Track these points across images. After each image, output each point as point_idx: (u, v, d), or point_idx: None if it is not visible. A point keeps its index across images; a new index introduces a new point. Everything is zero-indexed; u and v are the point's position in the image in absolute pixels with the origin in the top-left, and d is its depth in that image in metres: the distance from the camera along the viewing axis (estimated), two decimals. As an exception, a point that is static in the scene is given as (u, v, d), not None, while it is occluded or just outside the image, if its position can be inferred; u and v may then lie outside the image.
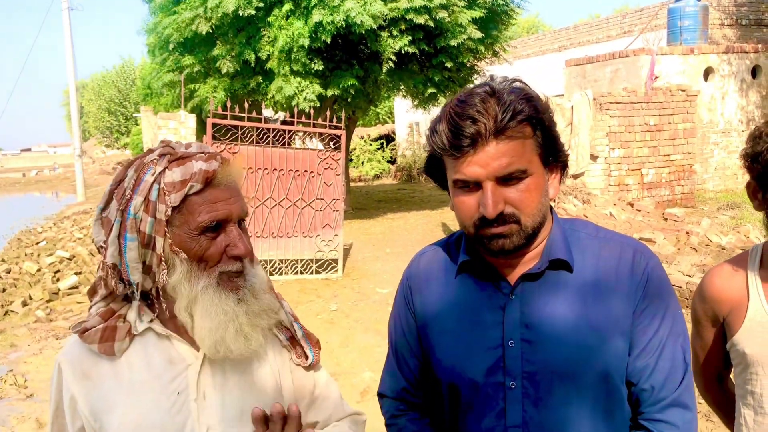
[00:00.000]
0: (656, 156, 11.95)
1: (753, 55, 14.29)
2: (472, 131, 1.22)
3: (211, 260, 1.28)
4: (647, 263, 1.35)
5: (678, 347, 1.34)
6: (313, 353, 1.49)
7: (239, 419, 1.34)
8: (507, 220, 1.27)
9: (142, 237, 1.26)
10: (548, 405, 1.31)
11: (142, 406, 1.28)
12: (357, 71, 12.83)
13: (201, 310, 1.27)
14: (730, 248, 8.16)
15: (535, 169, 1.28)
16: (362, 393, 5.09)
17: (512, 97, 1.24)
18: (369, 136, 26.85)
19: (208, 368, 1.33)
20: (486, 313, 1.36)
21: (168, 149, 1.30)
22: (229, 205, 1.29)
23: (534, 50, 22.87)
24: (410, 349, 1.53)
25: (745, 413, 1.69)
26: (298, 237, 8.95)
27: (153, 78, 15.73)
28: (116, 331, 1.30)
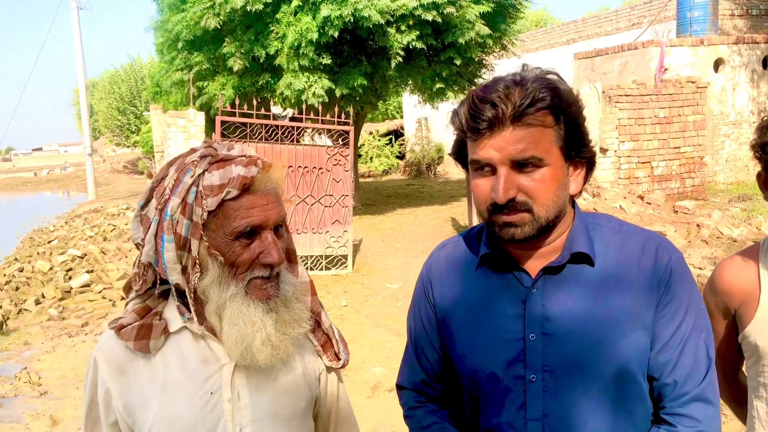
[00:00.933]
0: (666, 148, 11.87)
1: (764, 45, 14.15)
2: (490, 115, 1.23)
3: (242, 266, 1.27)
4: (670, 257, 1.35)
5: (701, 342, 1.34)
6: (345, 354, 1.51)
7: (272, 420, 1.36)
8: (519, 208, 1.27)
9: (178, 239, 1.25)
10: (568, 398, 1.31)
11: (176, 404, 1.29)
12: (365, 67, 12.83)
13: (228, 318, 1.27)
14: (741, 240, 8.11)
15: (554, 161, 1.27)
16: (373, 388, 5.10)
17: (536, 84, 1.24)
18: (377, 132, 26.85)
19: (243, 369, 1.33)
20: (507, 305, 1.36)
21: (210, 150, 1.29)
22: (265, 211, 1.27)
23: (542, 44, 22.76)
24: (429, 341, 1.54)
25: (758, 406, 1.68)
26: (308, 233, 8.96)
27: (162, 76, 15.79)
28: (152, 330, 1.31)
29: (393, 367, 5.39)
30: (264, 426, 1.35)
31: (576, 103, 1.28)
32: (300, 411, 1.42)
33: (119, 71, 45.31)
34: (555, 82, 1.27)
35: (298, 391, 1.41)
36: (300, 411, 1.42)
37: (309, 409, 1.46)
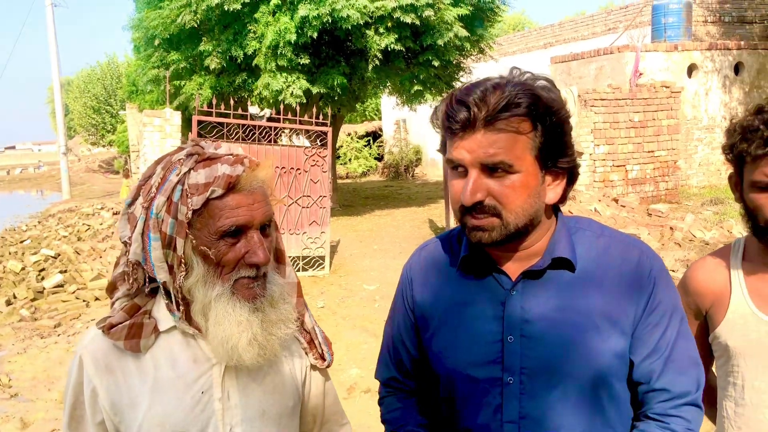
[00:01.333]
0: (641, 152, 12.03)
1: (736, 52, 14.41)
2: (462, 117, 1.23)
3: (228, 266, 1.26)
4: (653, 264, 1.35)
5: (689, 347, 1.36)
6: (329, 354, 1.51)
7: (261, 419, 1.36)
8: (487, 212, 1.27)
9: (164, 237, 1.24)
10: (545, 401, 1.31)
11: (166, 403, 1.28)
12: (344, 68, 12.83)
13: (214, 317, 1.26)
14: (713, 243, 8.24)
15: (526, 168, 1.25)
16: (349, 390, 5.10)
17: (514, 90, 1.22)
18: (356, 133, 26.84)
19: (232, 369, 1.33)
20: (486, 307, 1.36)
21: (197, 148, 1.28)
22: (251, 210, 1.26)
23: (520, 47, 22.92)
24: (402, 342, 1.55)
25: (727, 405, 1.71)
26: (285, 234, 8.93)
27: (138, 75, 15.64)
28: (143, 328, 1.30)
29: (369, 368, 5.40)
30: (254, 425, 1.35)
31: (559, 112, 1.26)
32: (288, 410, 1.42)
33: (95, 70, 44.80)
34: (536, 89, 1.25)
35: (286, 390, 1.42)
36: (288, 410, 1.42)
37: (297, 408, 1.46)
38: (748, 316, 1.65)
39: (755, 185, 1.58)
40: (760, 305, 1.64)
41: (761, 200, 1.57)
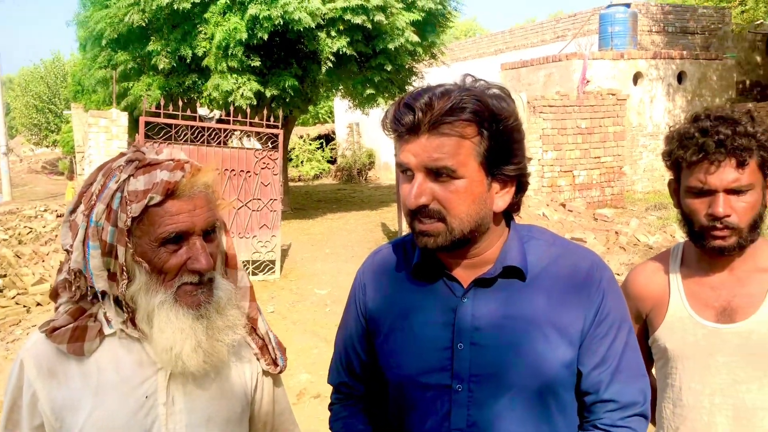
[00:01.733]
0: (587, 158, 12.30)
1: (679, 61, 14.88)
2: (407, 121, 1.24)
3: (170, 273, 1.25)
4: (602, 276, 1.36)
5: (636, 358, 1.38)
6: (282, 360, 1.51)
7: (206, 425, 1.34)
8: (432, 216, 1.27)
9: (104, 245, 1.23)
10: (493, 409, 1.31)
11: (109, 408, 1.26)
12: (296, 70, 12.75)
13: (157, 325, 1.25)
14: (657, 247, 8.47)
15: (470, 174, 1.26)
16: (298, 395, 5.05)
17: (462, 95, 1.23)
18: (308, 136, 26.70)
19: (179, 373, 1.31)
20: (437, 314, 1.36)
21: (137, 154, 1.27)
22: (192, 216, 1.25)
23: (471, 53, 23.20)
24: (354, 346, 1.54)
25: (665, 406, 1.76)
26: (234, 238, 8.81)
27: (84, 74, 15.24)
28: (87, 331, 1.28)
29: (320, 373, 5.36)
30: (198, 431, 1.33)
31: (507, 120, 1.26)
32: (235, 416, 1.41)
33: (39, 68, 43.52)
34: (483, 95, 1.25)
35: (234, 395, 1.40)
36: (235, 416, 1.41)
37: (245, 414, 1.45)
38: (686, 319, 1.69)
39: (690, 191, 1.63)
40: (697, 309, 1.68)
41: (695, 205, 1.62)
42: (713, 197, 1.58)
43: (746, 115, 1.60)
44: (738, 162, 1.55)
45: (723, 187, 1.57)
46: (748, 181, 1.56)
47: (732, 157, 1.55)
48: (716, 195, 1.58)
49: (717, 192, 1.58)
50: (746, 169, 1.56)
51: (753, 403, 1.63)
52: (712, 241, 1.61)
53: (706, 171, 1.57)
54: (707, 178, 1.57)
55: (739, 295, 1.65)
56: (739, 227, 1.58)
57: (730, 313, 1.65)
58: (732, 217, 1.57)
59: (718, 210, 1.57)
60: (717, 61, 15.58)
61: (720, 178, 1.56)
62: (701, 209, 1.61)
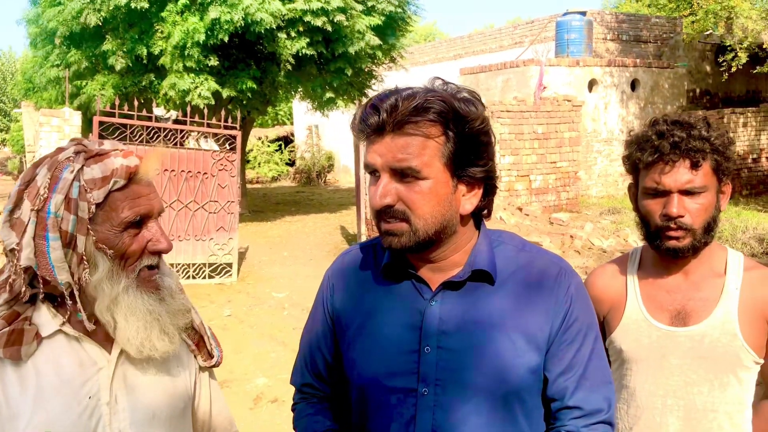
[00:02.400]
0: (544, 163, 12.48)
1: (632, 69, 15.23)
2: (372, 121, 1.25)
3: (132, 256, 1.27)
4: (570, 283, 1.37)
5: (602, 365, 1.38)
6: (218, 352, 1.51)
7: (150, 422, 1.33)
8: (397, 216, 1.27)
9: (65, 236, 1.22)
10: (458, 414, 1.31)
11: (52, 412, 1.23)
12: (254, 72, 12.65)
13: (125, 310, 1.25)
14: (610, 251, 8.64)
15: (435, 175, 1.26)
16: (255, 400, 5.00)
17: (428, 96, 1.23)
18: (267, 138, 26.52)
19: (121, 372, 1.31)
20: (405, 316, 1.35)
21: (81, 147, 1.28)
22: (150, 200, 1.29)
23: (430, 57, 23.35)
24: (319, 347, 1.53)
25: (620, 406, 1.79)
26: (190, 240, 8.69)
27: (35, 72, 14.83)
28: (23, 335, 1.24)
29: (277, 377, 5.32)
30: (143, 428, 1.32)
31: (474, 122, 1.26)
32: (178, 411, 1.40)
33: (-14, 64, 42.25)
34: (449, 97, 1.25)
35: (176, 391, 1.40)
36: (178, 411, 1.40)
37: (187, 410, 1.45)
38: (641, 321, 1.73)
39: (646, 192, 1.68)
40: (653, 311, 1.72)
41: (651, 206, 1.67)
42: (668, 198, 1.63)
43: (702, 121, 1.66)
44: (692, 163, 1.60)
45: (677, 187, 1.61)
46: (702, 183, 1.62)
47: (686, 158, 1.60)
48: (671, 195, 1.63)
49: (671, 193, 1.62)
50: (700, 170, 1.61)
51: (703, 405, 1.67)
52: (666, 242, 1.65)
53: (661, 171, 1.62)
54: (662, 178, 1.62)
55: (693, 299, 1.69)
56: (693, 228, 1.62)
57: (684, 316, 1.69)
58: (686, 218, 1.62)
59: (672, 210, 1.61)
60: (669, 69, 16.00)
61: (674, 179, 1.61)
62: (656, 210, 1.65)
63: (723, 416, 1.66)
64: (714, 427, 1.67)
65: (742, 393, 1.68)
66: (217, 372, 1.56)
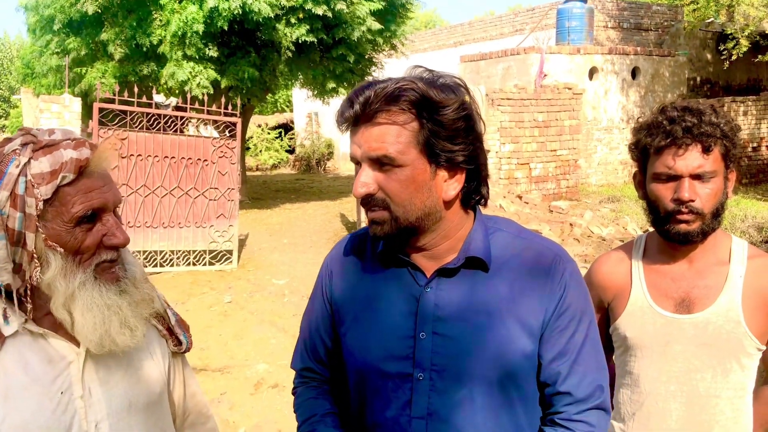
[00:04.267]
0: (544, 151, 12.47)
1: (633, 56, 15.18)
2: (348, 114, 1.28)
3: (87, 252, 1.23)
4: (565, 269, 1.37)
5: (596, 352, 1.39)
6: (186, 338, 1.49)
7: (128, 411, 1.32)
8: (378, 205, 1.30)
9: (11, 234, 1.17)
10: (453, 398, 1.33)
11: (24, 410, 1.20)
12: (254, 59, 12.60)
13: (81, 306, 1.22)
14: (609, 239, 8.66)
15: (411, 162, 1.26)
16: (256, 385, 5.03)
17: (399, 84, 1.24)
18: (267, 125, 26.45)
19: (91, 363, 1.29)
20: (401, 303, 1.37)
21: (29, 137, 1.22)
22: (103, 193, 1.24)
23: (431, 44, 23.26)
24: (319, 332, 1.55)
25: (623, 392, 1.82)
26: (191, 227, 8.71)
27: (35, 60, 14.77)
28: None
29: (277, 363, 5.36)
30: (120, 418, 1.31)
31: (448, 107, 1.25)
32: (155, 397, 1.39)
33: (-15, 50, 42.07)
34: (423, 84, 1.25)
35: (151, 377, 1.39)
36: (155, 397, 1.39)
37: (164, 395, 1.44)
38: (646, 309, 1.75)
39: (657, 177, 1.68)
40: (657, 299, 1.74)
41: (661, 191, 1.68)
42: (679, 182, 1.65)
43: (710, 108, 1.68)
44: (703, 147, 1.62)
45: (688, 172, 1.63)
46: (712, 168, 1.63)
47: (698, 143, 1.62)
48: (682, 180, 1.64)
49: (682, 177, 1.64)
50: (710, 155, 1.63)
51: (706, 391, 1.69)
52: (676, 225, 1.66)
53: (674, 155, 1.64)
54: (675, 161, 1.64)
55: (697, 286, 1.71)
56: (703, 213, 1.64)
57: (689, 304, 1.71)
58: (696, 202, 1.63)
59: (683, 194, 1.63)
60: (669, 57, 15.95)
61: (686, 164, 1.63)
62: (667, 195, 1.67)
63: (725, 402, 1.69)
64: (716, 412, 1.69)
65: (744, 379, 1.70)
66: (218, 358, 1.57)
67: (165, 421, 1.45)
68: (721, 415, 1.69)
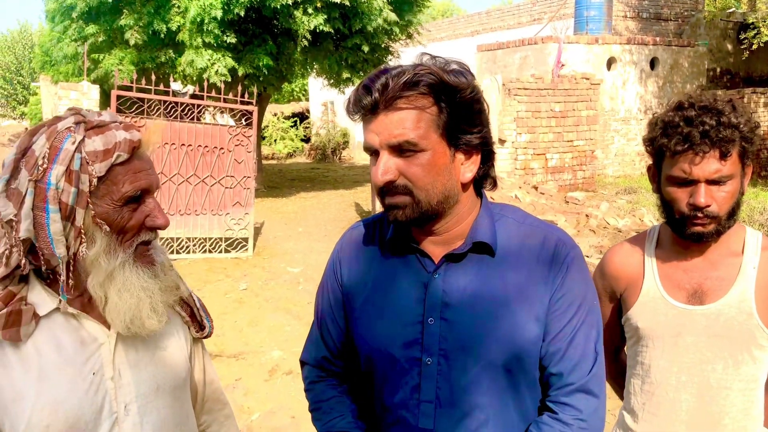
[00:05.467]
0: (560, 141, 12.40)
1: (652, 47, 15.02)
2: (365, 102, 1.28)
3: (131, 231, 1.26)
4: (568, 253, 1.39)
5: (590, 337, 1.39)
6: (209, 323, 1.52)
7: (155, 394, 1.35)
8: (400, 191, 1.30)
9: (65, 208, 1.20)
10: (461, 383, 1.35)
11: (57, 391, 1.22)
12: (271, 47, 12.61)
13: (119, 285, 1.25)
14: (625, 231, 8.61)
15: (432, 146, 1.29)
16: (270, 371, 5.08)
17: (416, 70, 1.26)
18: (282, 114, 26.49)
19: (121, 346, 1.31)
20: (409, 289, 1.39)
21: (81, 117, 1.25)
22: (149, 175, 1.28)
23: (447, 34, 23.14)
24: (334, 319, 1.56)
25: (634, 382, 1.82)
26: (207, 215, 8.76)
27: (53, 46, 14.88)
28: (21, 315, 1.22)
29: (292, 350, 5.40)
30: (148, 400, 1.34)
31: (464, 91, 1.28)
32: (181, 381, 1.42)
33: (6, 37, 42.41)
34: (438, 70, 1.27)
35: (177, 362, 1.41)
36: (181, 381, 1.42)
37: (187, 380, 1.47)
38: (658, 299, 1.74)
39: (673, 180, 1.65)
40: (670, 290, 1.73)
41: (677, 194, 1.65)
42: (695, 187, 1.61)
43: (729, 105, 1.62)
44: (721, 153, 1.57)
45: (705, 177, 1.59)
46: (729, 171, 1.60)
47: (716, 149, 1.57)
48: (698, 185, 1.61)
49: (699, 182, 1.60)
50: (728, 160, 1.58)
51: (717, 383, 1.69)
52: (692, 228, 1.64)
53: (690, 162, 1.59)
54: (691, 169, 1.60)
55: (710, 278, 1.70)
56: (719, 216, 1.62)
57: (701, 295, 1.70)
58: (713, 207, 1.60)
59: (699, 200, 1.60)
60: (689, 47, 15.77)
61: (703, 169, 1.59)
62: (683, 198, 1.64)
63: (736, 393, 1.68)
64: (727, 404, 1.68)
65: (755, 371, 1.69)
66: (233, 344, 1.59)
67: (188, 406, 1.47)
68: (732, 407, 1.69)
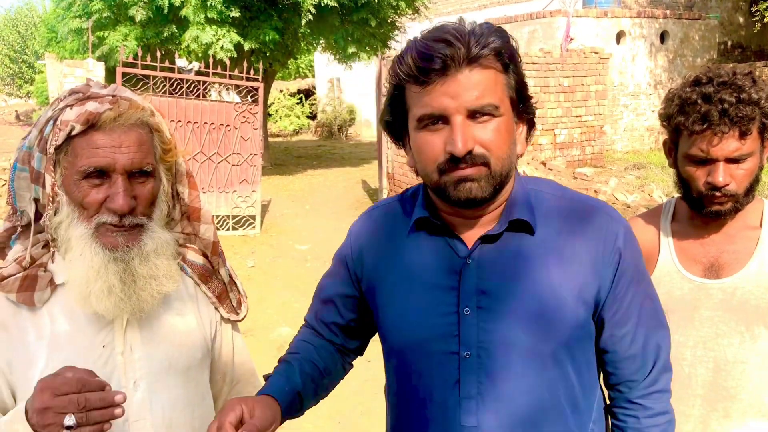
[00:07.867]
0: (569, 117, 12.28)
1: (662, 20, 14.81)
2: (445, 53, 1.11)
3: (90, 208, 1.23)
4: (619, 229, 1.27)
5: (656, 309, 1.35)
6: (245, 308, 1.52)
7: (167, 372, 1.34)
8: (476, 162, 1.15)
9: (32, 171, 1.24)
10: (505, 377, 1.23)
11: (65, 359, 1.22)
12: (276, 22, 12.50)
13: (69, 258, 1.24)
14: (634, 206, 8.56)
15: (506, 111, 1.17)
16: (278, 348, 5.09)
17: (485, 29, 1.15)
18: (288, 90, 26.36)
19: (135, 322, 1.31)
20: (441, 276, 1.26)
21: (83, 88, 1.27)
22: (114, 153, 1.21)
23: (454, 8, 22.88)
24: (335, 306, 1.48)
25: None
26: (214, 192, 8.75)
27: (58, 22, 14.80)
28: (37, 281, 1.25)
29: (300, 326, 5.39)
30: (159, 378, 1.32)
31: (519, 56, 1.21)
32: (196, 362, 1.40)
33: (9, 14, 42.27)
34: (501, 29, 1.19)
35: (193, 342, 1.39)
36: (196, 362, 1.40)
37: (206, 361, 1.44)
38: (674, 273, 1.72)
39: (690, 159, 1.62)
40: (685, 264, 1.71)
41: (695, 173, 1.62)
42: (713, 166, 1.58)
43: (749, 78, 1.56)
44: (741, 132, 1.53)
45: (724, 156, 1.56)
46: (749, 149, 1.56)
47: (736, 128, 1.53)
48: (716, 164, 1.57)
49: (717, 161, 1.57)
50: (748, 138, 1.55)
51: (734, 357, 1.67)
52: (709, 207, 1.62)
53: (708, 142, 1.56)
54: (709, 149, 1.56)
55: (726, 251, 1.68)
56: (737, 194, 1.59)
57: (717, 269, 1.68)
58: (731, 185, 1.58)
59: (718, 180, 1.57)
60: (700, 21, 15.53)
61: (722, 149, 1.55)
62: (701, 177, 1.61)
63: (752, 368, 1.66)
64: (743, 378, 1.67)
65: None
66: (242, 321, 1.57)
67: (204, 387, 1.45)
68: (748, 382, 1.66)
